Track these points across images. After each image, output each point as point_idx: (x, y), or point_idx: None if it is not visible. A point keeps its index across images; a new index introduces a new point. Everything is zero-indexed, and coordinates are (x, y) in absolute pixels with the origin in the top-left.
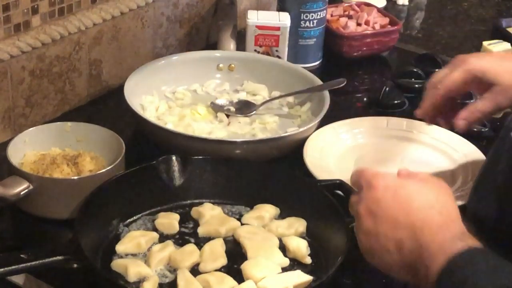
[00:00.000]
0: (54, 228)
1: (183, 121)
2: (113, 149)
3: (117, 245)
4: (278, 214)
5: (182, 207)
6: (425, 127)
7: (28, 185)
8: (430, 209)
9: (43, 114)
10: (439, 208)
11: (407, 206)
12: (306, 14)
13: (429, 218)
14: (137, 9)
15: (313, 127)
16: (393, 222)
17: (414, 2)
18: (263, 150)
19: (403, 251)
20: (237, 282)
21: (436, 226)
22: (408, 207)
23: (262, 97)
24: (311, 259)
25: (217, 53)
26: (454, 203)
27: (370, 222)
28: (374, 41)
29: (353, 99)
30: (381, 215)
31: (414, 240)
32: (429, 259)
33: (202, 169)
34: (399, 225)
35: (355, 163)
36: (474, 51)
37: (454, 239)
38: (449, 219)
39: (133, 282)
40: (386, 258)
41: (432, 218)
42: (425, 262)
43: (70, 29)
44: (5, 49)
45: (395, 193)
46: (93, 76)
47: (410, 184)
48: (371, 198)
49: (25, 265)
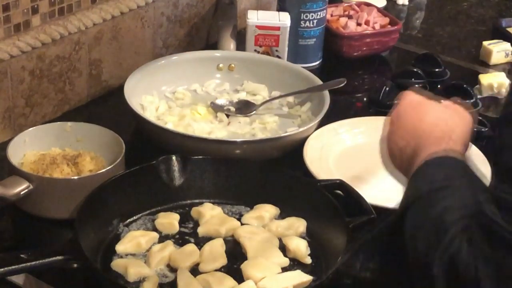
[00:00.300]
0: (54, 228)
1: (183, 121)
2: (113, 149)
3: (117, 245)
4: (278, 214)
5: (182, 207)
6: None
7: (28, 185)
8: (436, 126)
9: (43, 114)
10: (444, 126)
11: (419, 119)
12: (306, 14)
13: (432, 132)
14: (137, 9)
15: (313, 127)
16: (403, 131)
17: (414, 2)
18: (263, 150)
19: (402, 158)
20: (237, 282)
21: (434, 139)
22: (420, 120)
23: (262, 97)
24: (311, 259)
25: (217, 53)
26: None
27: (390, 128)
28: (374, 41)
29: (353, 99)
30: (398, 124)
31: (413, 149)
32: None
33: (202, 169)
34: (406, 134)
35: (355, 163)
36: (474, 51)
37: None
38: (448, 137)
39: (133, 282)
40: (393, 161)
41: (434, 133)
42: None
43: (70, 29)
44: (5, 49)
45: (415, 107)
46: (93, 76)
47: (433, 104)
48: (398, 108)
49: (25, 265)
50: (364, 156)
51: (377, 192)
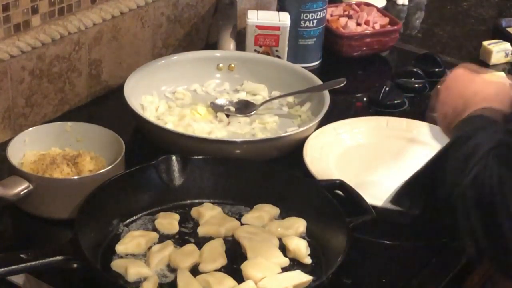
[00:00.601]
0: (54, 228)
1: (183, 121)
2: (113, 149)
3: (117, 245)
4: (278, 214)
5: (182, 207)
6: (425, 127)
7: (28, 185)
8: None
9: (43, 114)
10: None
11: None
12: (306, 14)
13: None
14: (137, 9)
15: (313, 127)
16: (455, 94)
17: (414, 2)
18: (263, 150)
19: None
20: (237, 282)
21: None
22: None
23: (262, 97)
24: (311, 259)
25: (217, 53)
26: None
27: (444, 94)
28: (374, 41)
29: (353, 99)
30: (450, 89)
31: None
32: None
33: (202, 169)
34: (457, 95)
35: (355, 163)
36: (474, 51)
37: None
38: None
39: (133, 282)
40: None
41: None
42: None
43: (70, 29)
44: (5, 49)
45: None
46: (93, 76)
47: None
48: (451, 76)
49: (25, 265)
50: (364, 156)
51: (377, 192)
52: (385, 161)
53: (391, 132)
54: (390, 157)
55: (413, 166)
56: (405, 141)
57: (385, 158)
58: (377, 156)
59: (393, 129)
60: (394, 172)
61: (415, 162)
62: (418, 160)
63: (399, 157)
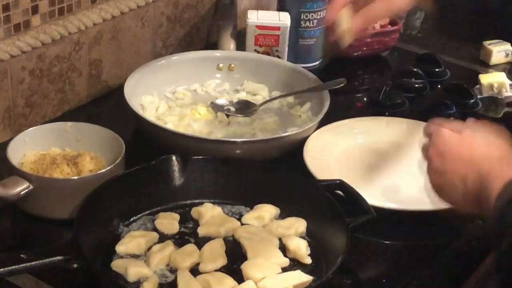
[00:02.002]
0: (54, 228)
1: (183, 121)
2: (113, 149)
3: (117, 245)
4: (278, 214)
5: (182, 207)
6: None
7: (28, 185)
8: (490, 146)
9: (43, 114)
10: (498, 145)
11: (470, 145)
12: (306, 14)
13: (489, 153)
14: (137, 9)
15: (313, 127)
16: (458, 159)
17: None
18: (263, 150)
19: (467, 184)
20: (237, 282)
21: (495, 159)
22: (471, 145)
23: (262, 97)
24: (311, 259)
25: (217, 53)
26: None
27: (439, 162)
28: (374, 41)
29: (353, 99)
30: (448, 155)
31: (476, 172)
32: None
33: (202, 169)
34: (463, 161)
35: (355, 163)
36: (474, 51)
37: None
38: (507, 154)
39: (133, 282)
40: (454, 192)
41: (492, 153)
42: (486, 190)
43: (70, 29)
44: (5, 49)
45: (460, 135)
46: (93, 76)
47: (473, 128)
48: (439, 141)
49: (25, 265)
50: (364, 156)
51: (377, 192)
52: (385, 161)
53: (391, 132)
54: (390, 157)
55: (413, 166)
56: (405, 141)
57: (385, 158)
58: (377, 156)
59: (393, 129)
60: (394, 172)
61: (415, 162)
62: (418, 160)
63: (399, 157)
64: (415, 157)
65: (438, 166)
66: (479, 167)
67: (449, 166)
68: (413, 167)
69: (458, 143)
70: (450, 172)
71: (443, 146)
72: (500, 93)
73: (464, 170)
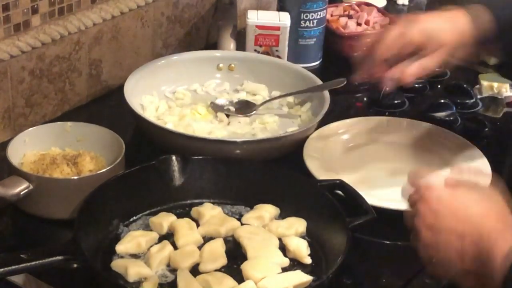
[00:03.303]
0: (54, 228)
1: (183, 121)
2: (113, 149)
3: (117, 245)
4: (278, 214)
5: (182, 207)
6: (425, 127)
7: (28, 185)
8: (487, 217)
9: (43, 114)
10: (495, 215)
11: (464, 215)
12: (306, 14)
13: (487, 225)
14: (137, 9)
15: (313, 127)
16: (451, 232)
17: (414, 2)
18: (263, 150)
19: (465, 260)
20: (237, 282)
21: (495, 233)
22: (465, 216)
23: (262, 97)
24: (311, 259)
25: (217, 53)
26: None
27: (429, 234)
28: None
29: (353, 99)
30: (439, 227)
31: (475, 247)
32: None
33: (202, 169)
34: (458, 234)
35: (355, 163)
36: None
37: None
38: (507, 226)
39: (133, 282)
40: (449, 267)
41: (490, 226)
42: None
43: (70, 29)
44: (5, 49)
45: (450, 204)
46: (93, 76)
47: (462, 193)
48: (427, 211)
49: (25, 265)
50: (364, 156)
51: (377, 192)
52: (385, 161)
53: (391, 132)
54: (390, 157)
55: (413, 166)
56: (405, 141)
57: (385, 158)
58: (377, 156)
59: (393, 129)
60: (394, 172)
61: (415, 162)
62: (418, 160)
63: (399, 157)
64: (415, 157)
65: (428, 239)
66: (478, 243)
67: (441, 239)
68: (413, 167)
69: (449, 212)
70: (443, 246)
71: (432, 217)
72: (500, 93)
73: (459, 244)
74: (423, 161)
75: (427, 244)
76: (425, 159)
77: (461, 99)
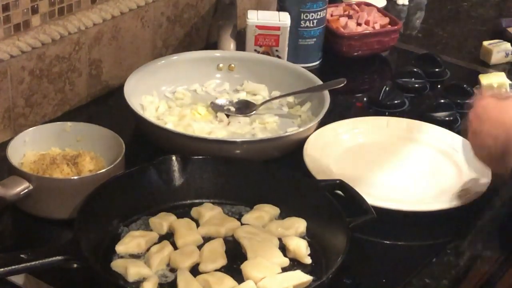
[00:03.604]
0: (54, 228)
1: (183, 121)
2: (113, 149)
3: (117, 245)
4: (278, 214)
5: (182, 207)
6: (425, 127)
7: (28, 185)
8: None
9: (43, 114)
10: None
11: (504, 111)
12: (306, 14)
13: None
14: (137, 9)
15: (313, 127)
16: (492, 122)
17: (414, 2)
18: (263, 150)
19: (497, 145)
20: (237, 282)
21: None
22: (505, 111)
23: (262, 97)
24: (311, 259)
25: (217, 53)
26: None
27: (476, 123)
28: (374, 41)
29: (353, 99)
30: (484, 117)
31: (505, 134)
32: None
33: (202, 169)
34: (496, 124)
35: (355, 163)
36: (474, 51)
37: None
38: None
39: (133, 282)
40: (485, 151)
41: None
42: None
43: (70, 29)
44: (5, 49)
45: (497, 101)
46: (93, 76)
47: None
48: (479, 105)
49: (25, 265)
50: (364, 156)
51: (377, 192)
52: (385, 161)
53: (391, 132)
54: (390, 157)
55: (413, 166)
56: (405, 141)
57: (385, 158)
58: (377, 156)
59: (393, 129)
60: (394, 172)
61: (415, 162)
62: (418, 160)
63: (399, 157)
64: (415, 157)
65: (475, 127)
66: (508, 131)
67: (484, 127)
68: (413, 167)
69: (494, 108)
70: (484, 133)
71: (481, 110)
72: None
73: (495, 132)
74: (423, 162)
75: (474, 131)
76: (425, 159)
77: (461, 99)
